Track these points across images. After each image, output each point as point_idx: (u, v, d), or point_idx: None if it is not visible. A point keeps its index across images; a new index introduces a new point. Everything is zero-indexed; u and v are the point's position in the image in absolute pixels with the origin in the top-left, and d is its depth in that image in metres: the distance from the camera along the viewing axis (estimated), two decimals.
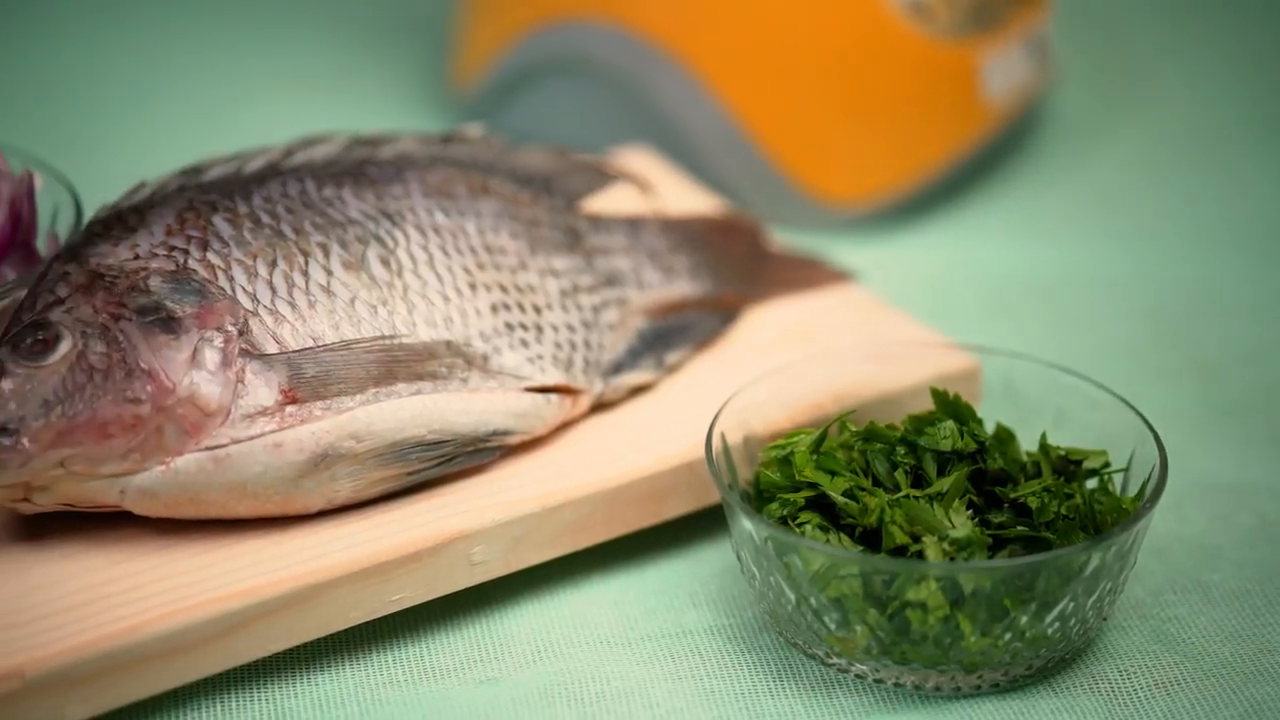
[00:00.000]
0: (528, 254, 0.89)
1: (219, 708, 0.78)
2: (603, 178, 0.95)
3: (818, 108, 1.08)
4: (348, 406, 0.81)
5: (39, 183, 0.87)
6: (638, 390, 0.89)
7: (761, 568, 0.79)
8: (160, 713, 0.77)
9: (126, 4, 1.27)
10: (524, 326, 0.87)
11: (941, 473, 0.81)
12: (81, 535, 0.79)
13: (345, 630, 0.81)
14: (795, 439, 0.82)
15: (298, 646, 0.80)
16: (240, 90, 1.20)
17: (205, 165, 0.89)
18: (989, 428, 0.84)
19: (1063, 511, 0.79)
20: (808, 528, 0.79)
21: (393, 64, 1.24)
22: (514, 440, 0.85)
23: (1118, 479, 0.83)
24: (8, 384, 0.78)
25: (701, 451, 0.85)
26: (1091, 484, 0.83)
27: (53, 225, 0.89)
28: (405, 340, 0.83)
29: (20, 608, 0.75)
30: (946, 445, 0.81)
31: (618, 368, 0.89)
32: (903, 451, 0.81)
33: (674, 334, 0.91)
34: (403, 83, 1.22)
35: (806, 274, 0.97)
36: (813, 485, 0.80)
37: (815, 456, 0.81)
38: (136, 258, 0.82)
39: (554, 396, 0.86)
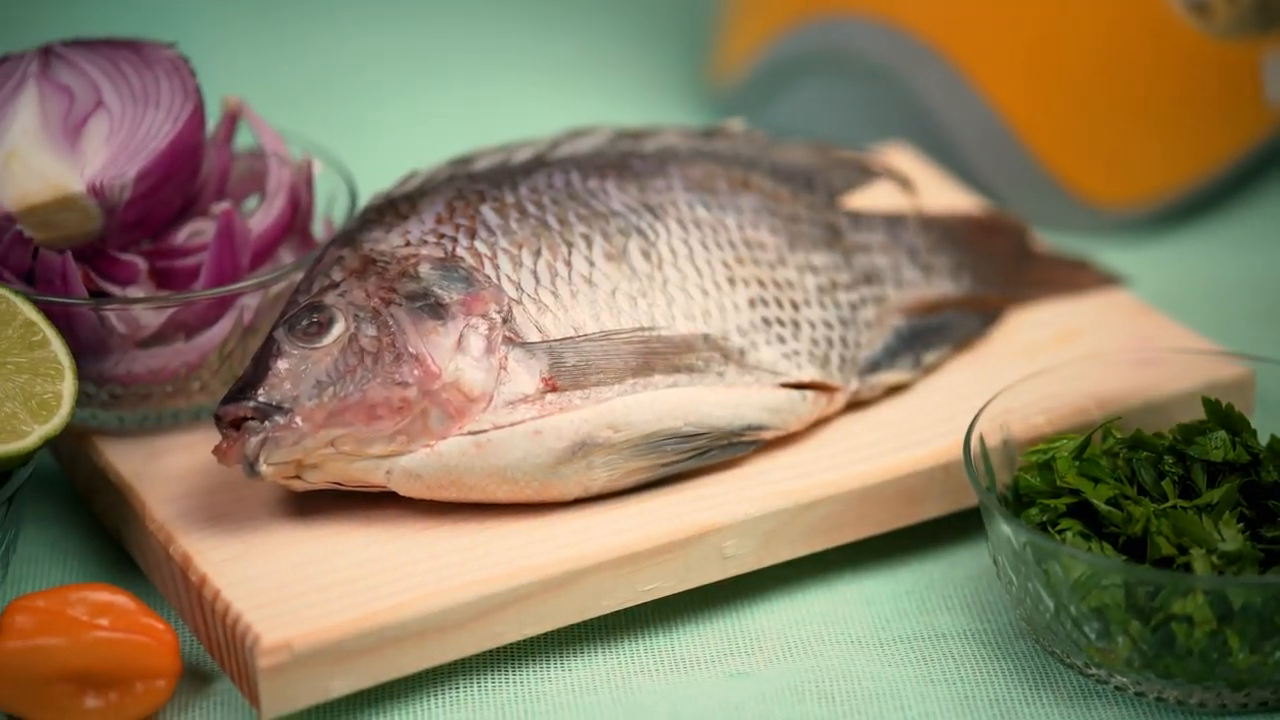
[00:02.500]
0: (787, 249, 0.89)
1: (475, 688, 0.79)
2: (864, 174, 0.94)
3: (1088, 106, 1.06)
4: (606, 396, 0.82)
5: (317, 169, 0.90)
6: (894, 389, 0.88)
7: (1019, 573, 0.78)
8: (419, 690, 0.79)
9: None
10: (781, 322, 0.87)
11: (1211, 484, 0.78)
12: (347, 514, 0.81)
13: (598, 617, 0.82)
14: (1058, 444, 0.81)
15: (552, 631, 0.81)
16: (508, 81, 1.22)
17: (474, 155, 0.90)
18: (1263, 439, 0.81)
19: None
20: (1069, 535, 0.78)
21: (655, 57, 1.25)
22: (768, 435, 0.85)
23: None
24: (283, 364, 0.80)
25: (958, 453, 0.84)
26: None
27: (328, 211, 0.91)
28: (664, 333, 0.84)
29: (290, 582, 0.78)
30: (1218, 456, 0.79)
31: (874, 366, 0.88)
32: (1171, 461, 0.79)
33: (933, 333, 0.90)
34: (665, 76, 1.23)
35: (1072, 276, 0.95)
36: (1075, 492, 0.79)
37: (1078, 463, 0.80)
38: (407, 244, 0.84)
39: (809, 393, 0.86)
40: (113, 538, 0.86)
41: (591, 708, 0.79)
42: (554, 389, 0.81)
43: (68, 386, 0.79)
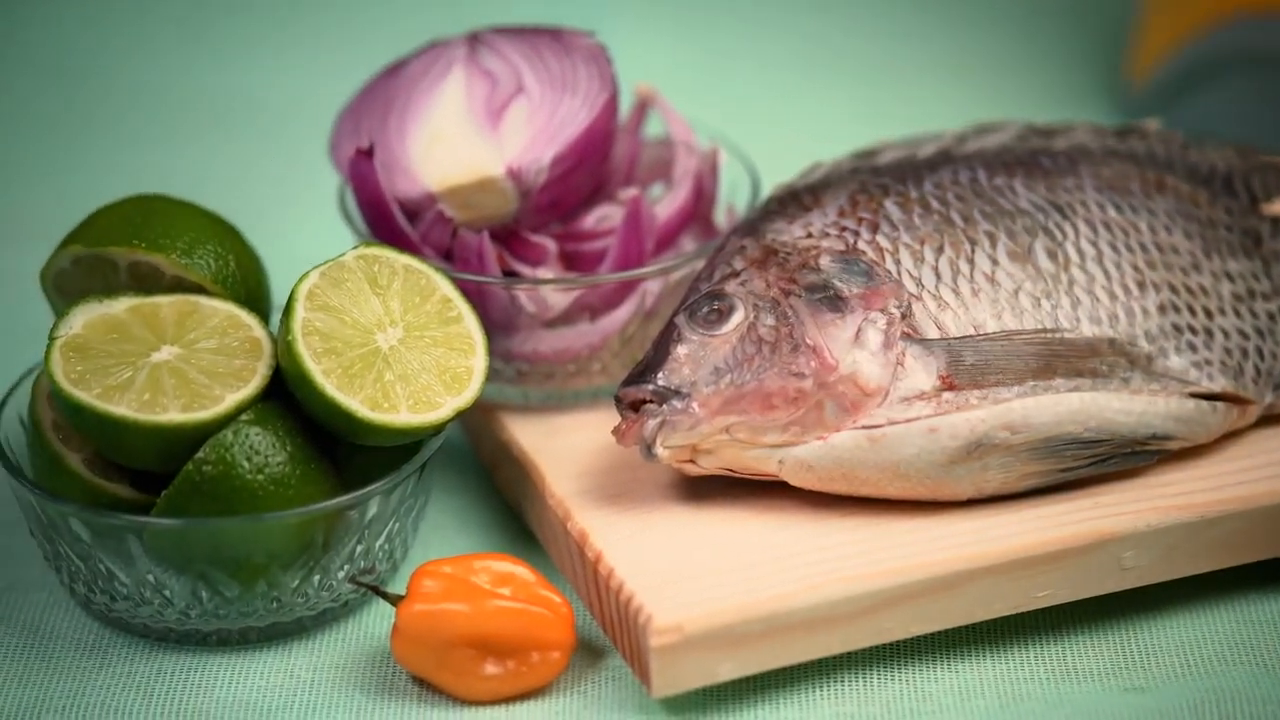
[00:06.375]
0: (1202, 255, 0.86)
1: (860, 683, 0.79)
2: None
3: None
4: (1004, 397, 0.80)
5: (722, 159, 0.91)
6: None
7: None
8: (804, 680, 0.79)
9: None
10: (1193, 329, 0.84)
11: None
12: (738, 500, 0.82)
13: (987, 620, 0.81)
14: None
15: (939, 632, 0.80)
16: (913, 76, 1.21)
17: (879, 149, 0.90)
18: None
19: None
20: None
21: (1067, 52, 1.22)
22: (1173, 446, 0.82)
23: None
24: (683, 350, 0.81)
25: None
26: None
27: (730, 199, 0.92)
28: (1068, 335, 0.82)
29: (682, 564, 0.78)
30: None
31: None
32: None
33: None
34: (1077, 72, 1.20)
35: None
36: None
37: None
38: (809, 236, 0.84)
39: (1220, 404, 0.82)
40: (513, 510, 0.88)
41: (978, 711, 0.77)
42: (951, 387, 0.80)
43: (479, 362, 0.82)
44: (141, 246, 0.82)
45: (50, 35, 1.22)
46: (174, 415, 0.78)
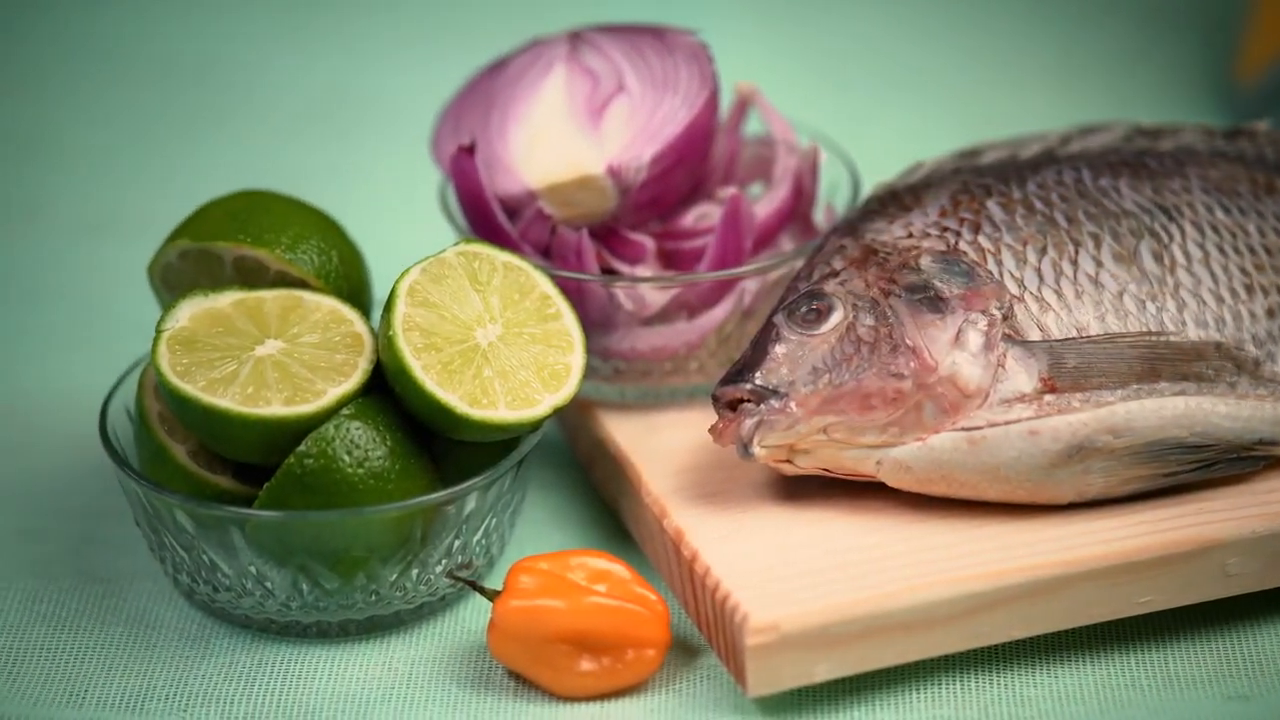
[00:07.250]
0: None
1: (958, 686, 0.78)
2: None
3: None
4: (1107, 400, 0.79)
5: (822, 158, 0.91)
6: None
7: None
8: (901, 682, 0.79)
9: None
10: None
11: None
12: (834, 500, 0.81)
13: (1087, 626, 0.80)
14: None
15: (1039, 636, 0.80)
16: (1012, 76, 1.20)
17: (981, 149, 0.89)
18: None
19: None
20: None
21: (1174, 53, 1.20)
22: None
23: None
24: (781, 349, 0.81)
25: None
26: None
27: (830, 198, 0.92)
28: (1173, 339, 0.81)
29: (778, 564, 0.78)
30: None
31: None
32: None
33: None
34: (1184, 73, 1.18)
35: None
36: None
37: None
38: (910, 236, 0.84)
39: None
40: (609, 507, 0.89)
41: (1077, 717, 0.77)
42: (1053, 390, 0.80)
43: (577, 359, 0.82)
44: (247, 241, 0.83)
45: (158, 33, 1.24)
46: (276, 409, 0.79)
